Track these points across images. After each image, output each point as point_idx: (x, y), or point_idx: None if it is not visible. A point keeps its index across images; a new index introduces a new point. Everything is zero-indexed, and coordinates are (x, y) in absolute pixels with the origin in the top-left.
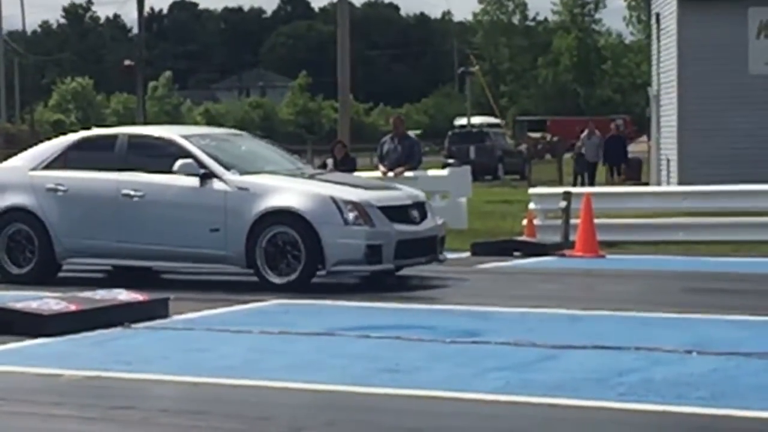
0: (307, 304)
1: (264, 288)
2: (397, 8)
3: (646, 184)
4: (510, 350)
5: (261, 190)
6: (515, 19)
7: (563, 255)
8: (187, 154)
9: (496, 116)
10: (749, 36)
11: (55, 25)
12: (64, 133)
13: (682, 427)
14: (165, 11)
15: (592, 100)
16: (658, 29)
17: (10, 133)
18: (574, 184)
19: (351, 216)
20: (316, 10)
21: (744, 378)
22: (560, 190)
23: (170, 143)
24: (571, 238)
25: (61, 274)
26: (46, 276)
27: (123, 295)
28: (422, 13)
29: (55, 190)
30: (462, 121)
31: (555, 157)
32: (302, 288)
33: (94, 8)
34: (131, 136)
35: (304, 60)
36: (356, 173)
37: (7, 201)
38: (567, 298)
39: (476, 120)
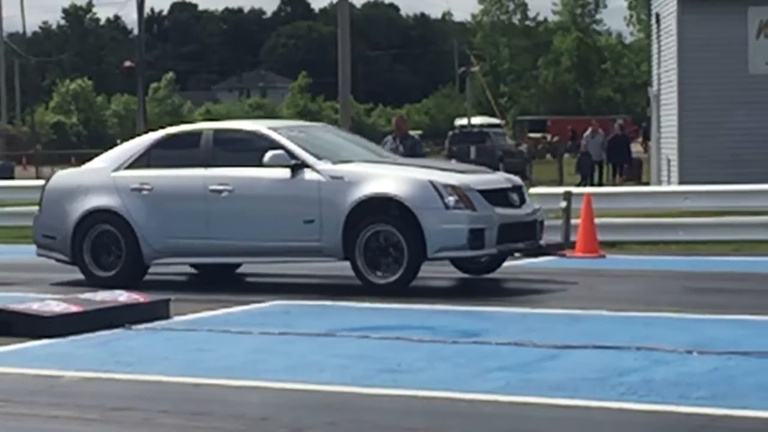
0: (308, 305)
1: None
2: (397, 9)
3: (647, 184)
4: (510, 350)
5: (356, 177)
6: (515, 19)
7: (564, 255)
8: (277, 146)
9: (496, 116)
10: (749, 36)
11: (55, 27)
12: (65, 135)
13: (682, 426)
14: (165, 12)
15: (592, 100)
16: (659, 29)
17: (10, 135)
18: (579, 186)
19: (451, 200)
20: (317, 10)
21: (744, 377)
22: (561, 190)
23: (258, 136)
24: (572, 238)
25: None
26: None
27: (124, 297)
28: (422, 14)
29: (140, 190)
30: (462, 121)
31: (555, 157)
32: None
33: (94, 9)
34: (217, 131)
35: (305, 61)
36: None
37: (92, 203)
38: (567, 298)
39: (477, 120)
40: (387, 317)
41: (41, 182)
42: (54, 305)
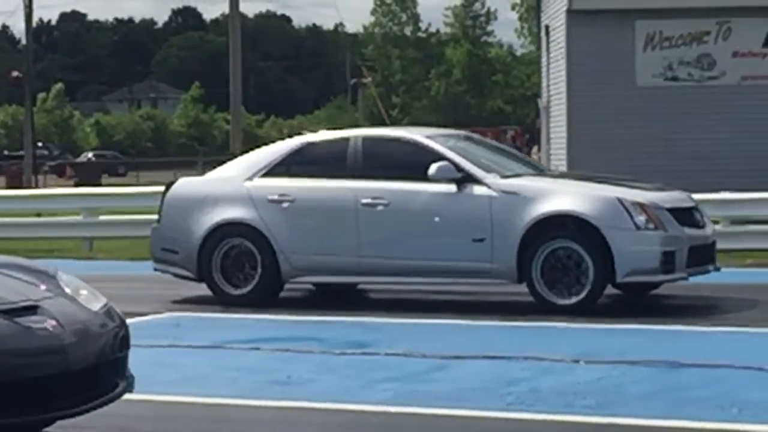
0: (197, 317)
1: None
2: (289, 19)
3: None
4: (400, 361)
5: (533, 193)
6: (407, 31)
7: None
8: (439, 157)
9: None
10: (636, 48)
11: None
12: None
13: None
14: (54, 22)
15: (483, 112)
16: (548, 41)
17: None
18: None
19: (642, 219)
20: (208, 21)
21: (630, 386)
22: None
23: (413, 145)
24: None
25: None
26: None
27: None
28: (314, 25)
29: (280, 202)
30: None
31: None
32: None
33: None
34: (365, 139)
35: (197, 71)
36: None
37: (222, 214)
38: (459, 309)
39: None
40: (277, 329)
41: None
42: None
